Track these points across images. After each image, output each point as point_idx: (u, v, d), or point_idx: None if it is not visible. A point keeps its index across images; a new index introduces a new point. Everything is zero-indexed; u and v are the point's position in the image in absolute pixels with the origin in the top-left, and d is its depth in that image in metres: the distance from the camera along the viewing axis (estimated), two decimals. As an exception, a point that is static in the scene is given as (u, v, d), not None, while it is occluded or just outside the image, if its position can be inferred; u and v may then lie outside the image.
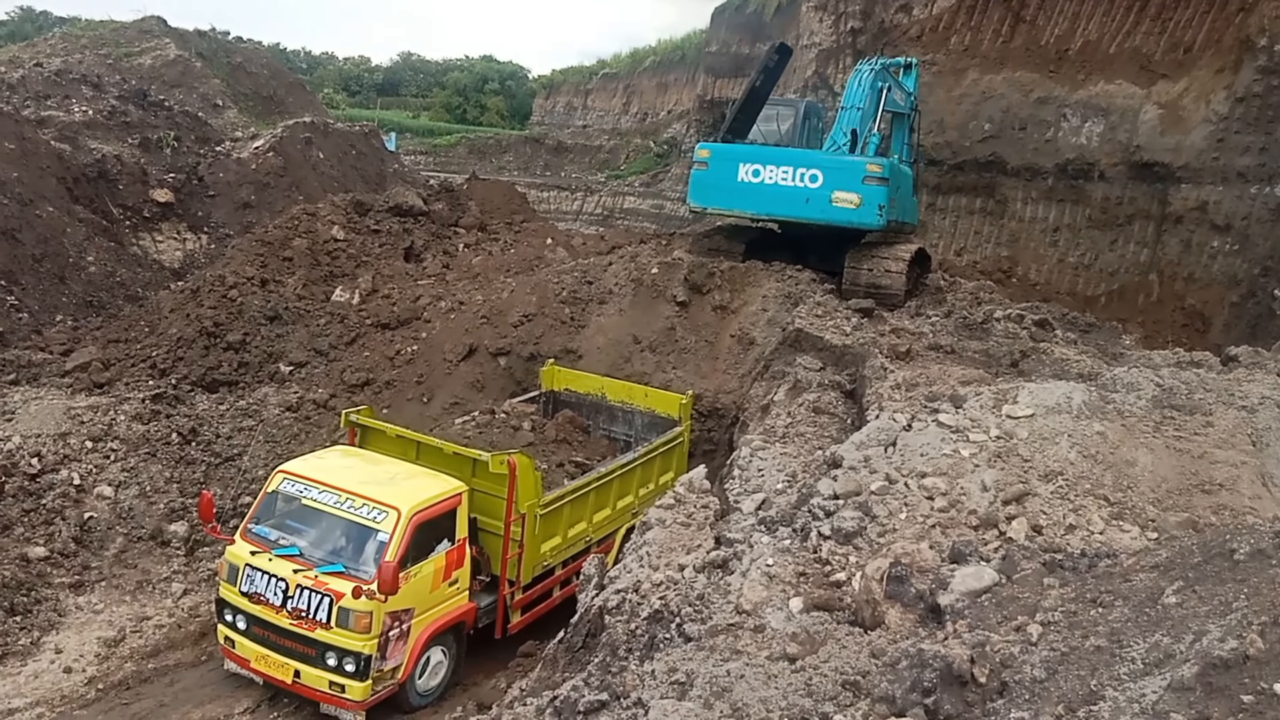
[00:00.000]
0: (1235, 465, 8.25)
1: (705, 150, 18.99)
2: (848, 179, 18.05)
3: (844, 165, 18.26)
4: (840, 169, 18.17)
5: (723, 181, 18.57)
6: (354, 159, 34.71)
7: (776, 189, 18.33)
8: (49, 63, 33.21)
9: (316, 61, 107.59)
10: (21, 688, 11.11)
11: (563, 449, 14.42)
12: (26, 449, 13.80)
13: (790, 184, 18.24)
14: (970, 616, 5.77)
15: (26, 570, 12.42)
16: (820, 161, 18.39)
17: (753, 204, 18.76)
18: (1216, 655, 4.09)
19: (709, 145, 19.13)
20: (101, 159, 26.33)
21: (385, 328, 17.97)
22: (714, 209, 19.58)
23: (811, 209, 18.17)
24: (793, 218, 18.62)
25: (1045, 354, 14.15)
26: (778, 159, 18.44)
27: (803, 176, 18.16)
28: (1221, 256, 21.19)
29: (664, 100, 58.22)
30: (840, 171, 18.13)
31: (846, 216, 18.01)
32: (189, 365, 16.42)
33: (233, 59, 42.81)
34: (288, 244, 19.68)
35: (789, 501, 8.70)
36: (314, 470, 11.44)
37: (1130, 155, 23.23)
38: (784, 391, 13.68)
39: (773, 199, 18.41)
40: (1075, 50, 25.19)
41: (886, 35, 30.95)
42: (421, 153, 63.22)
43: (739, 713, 5.39)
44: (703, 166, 18.86)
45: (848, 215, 18.00)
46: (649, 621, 6.95)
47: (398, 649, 10.57)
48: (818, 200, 18.05)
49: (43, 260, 21.23)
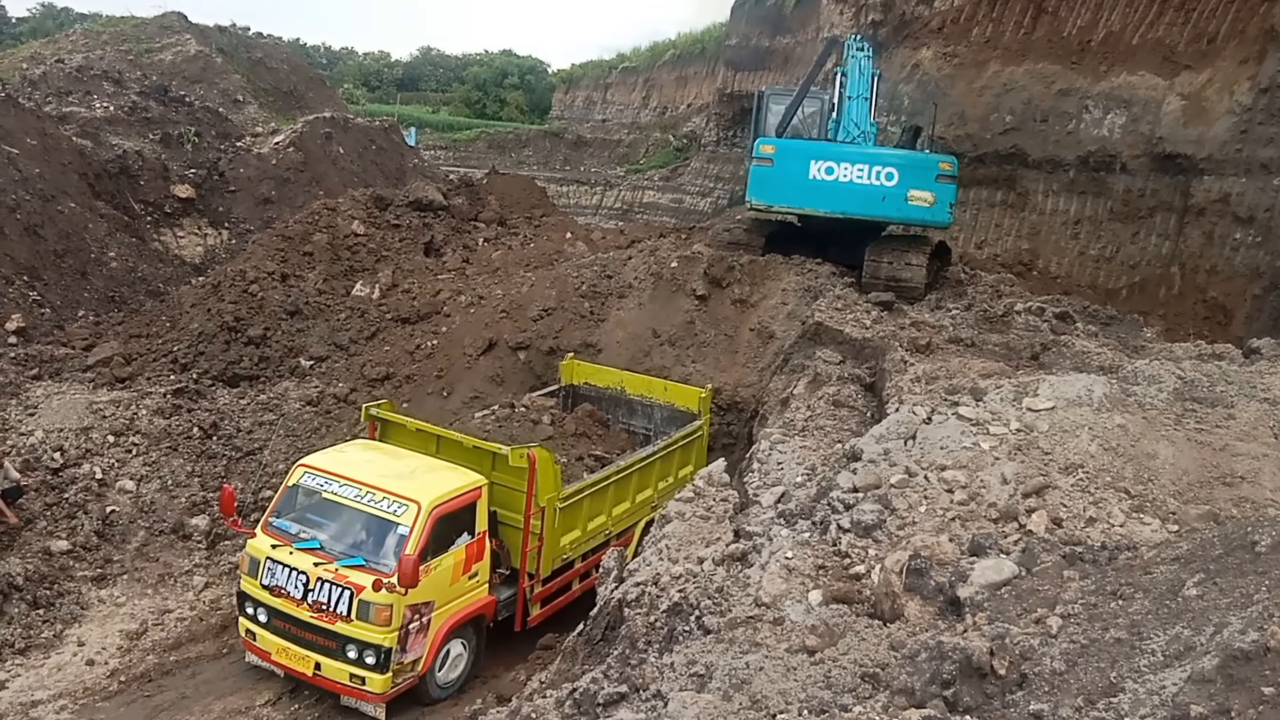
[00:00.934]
0: (1257, 458, 8.19)
1: (769, 146, 18.43)
2: (923, 177, 18.10)
3: (919, 163, 18.33)
4: (915, 166, 18.22)
5: (791, 179, 18.14)
6: (374, 154, 34.82)
7: (851, 187, 18.10)
8: (70, 59, 33.47)
9: (336, 57, 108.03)
10: (44, 680, 11.21)
11: (582, 443, 14.44)
12: (49, 443, 13.91)
13: (866, 182, 18.08)
14: (990, 609, 5.75)
15: (49, 564, 12.53)
16: (895, 159, 18.33)
17: (826, 202, 18.38)
18: (1237, 647, 4.07)
19: (772, 140, 18.64)
20: (123, 155, 26.51)
21: (405, 322, 18.03)
22: (780, 206, 18.94)
23: (888, 207, 18.15)
24: (868, 216, 18.47)
25: (1066, 347, 14.06)
26: (852, 156, 18.26)
27: (878, 174, 18.03)
28: (1244, 249, 21.00)
29: (683, 94, 58.08)
30: (915, 169, 18.17)
31: (921, 215, 18.13)
32: (210, 360, 16.52)
33: (253, 54, 43.02)
34: (308, 239, 19.77)
35: (808, 494, 8.68)
36: (334, 464, 11.49)
37: (1153, 147, 23.04)
38: (803, 385, 13.65)
39: (847, 197, 18.14)
40: (1098, 41, 25.00)
41: (907, 27, 30.81)
42: (441, 147, 63.32)
43: (758, 704, 5.39)
44: (766, 163, 18.33)
45: (922, 214, 18.12)
46: (668, 614, 6.96)
47: (418, 642, 10.61)
48: (894, 199, 18.02)
49: (65, 256, 21.40)
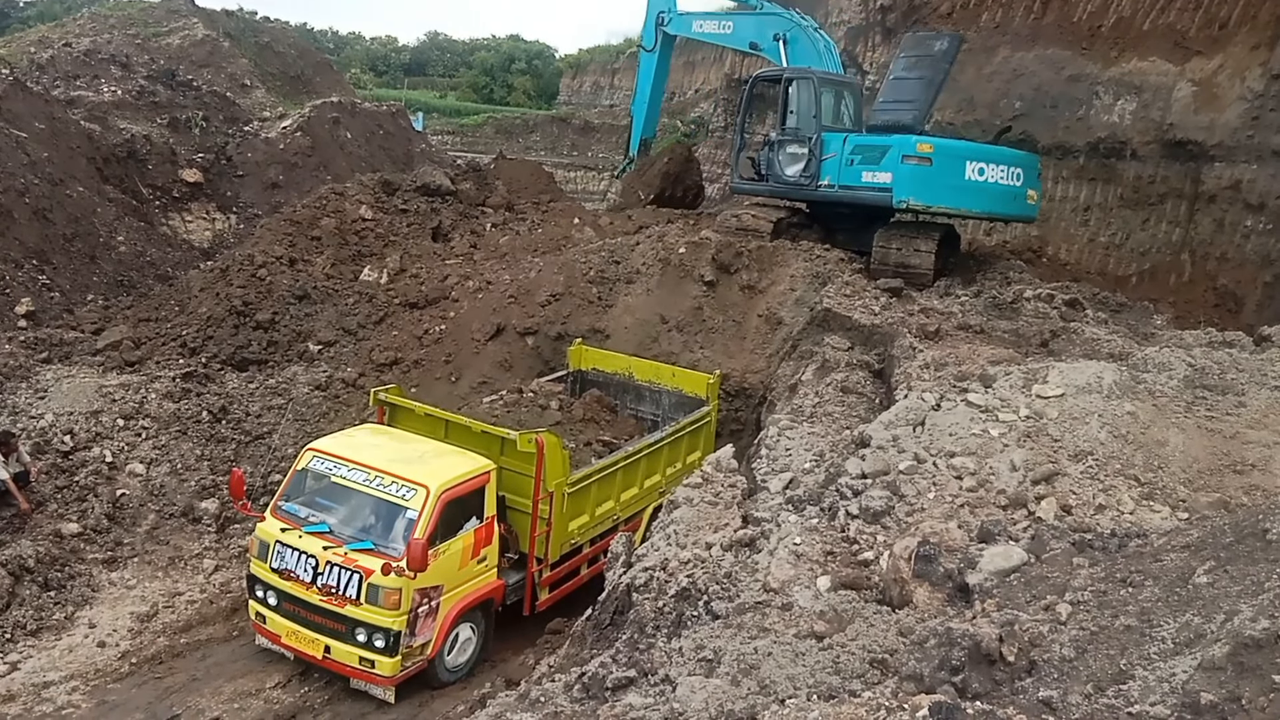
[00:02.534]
0: (1268, 445, 8.18)
1: (928, 145, 17.69)
2: (1034, 176, 18.84)
3: (1033, 163, 18.96)
4: (1031, 166, 18.79)
5: (950, 179, 17.67)
6: (381, 139, 34.79)
7: (996, 187, 18.11)
8: (78, 43, 33.43)
9: (344, 41, 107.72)
10: (56, 661, 11.28)
11: (590, 428, 14.46)
12: (59, 427, 13.97)
13: (1005, 182, 18.19)
14: (999, 595, 5.76)
15: (60, 546, 12.59)
16: (1019, 159, 18.74)
17: (977, 202, 18.34)
18: (1248, 635, 4.07)
19: (930, 140, 18.05)
20: (131, 139, 26.52)
21: (413, 307, 18.02)
22: (939, 206, 18.26)
23: (1016, 205, 18.72)
24: (1003, 215, 19.39)
25: (1075, 334, 14.02)
26: (996, 157, 18.33)
27: (1012, 175, 18.31)
28: (1255, 236, 20.88)
29: (691, 79, 57.77)
30: (1031, 169, 18.76)
31: (1030, 212, 19.23)
32: (219, 344, 16.54)
33: (260, 39, 42.93)
34: (316, 223, 19.76)
35: (817, 481, 8.70)
36: (343, 448, 11.52)
37: (1163, 133, 22.89)
38: (812, 371, 13.64)
39: (992, 197, 18.23)
40: (1108, 27, 24.82)
41: (917, 12, 30.60)
42: (448, 132, 63.14)
43: (766, 689, 5.40)
44: (925, 162, 17.54)
45: (1031, 210, 19.23)
46: (676, 599, 6.98)
47: (427, 625, 10.66)
48: (1020, 197, 18.59)
49: (73, 240, 21.42)
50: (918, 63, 19.13)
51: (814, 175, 18.44)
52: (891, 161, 17.52)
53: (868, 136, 18.27)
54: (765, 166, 19.55)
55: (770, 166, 19.31)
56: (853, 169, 18.04)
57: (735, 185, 21.06)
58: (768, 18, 21.63)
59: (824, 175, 18.37)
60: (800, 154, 18.70)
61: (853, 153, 18.08)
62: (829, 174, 18.32)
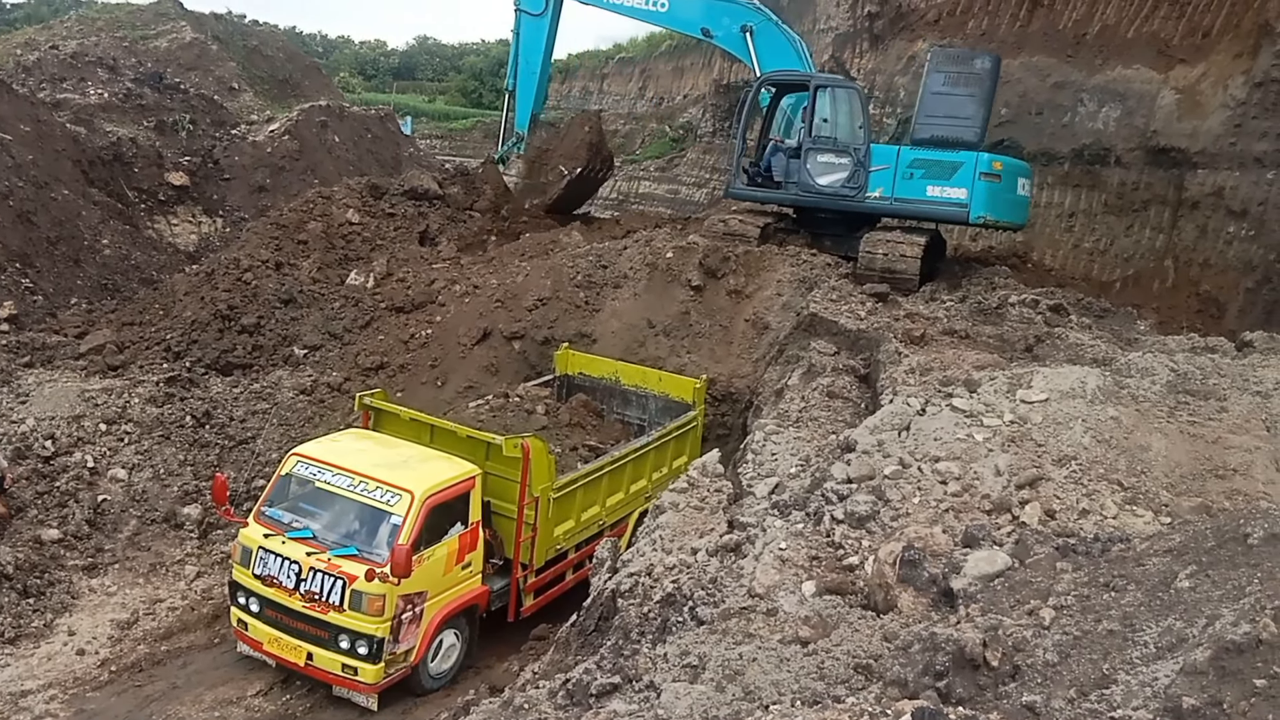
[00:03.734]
0: (1249, 450, 8.21)
1: (999, 163, 18.23)
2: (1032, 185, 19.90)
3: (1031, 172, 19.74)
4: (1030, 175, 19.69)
5: (1009, 194, 18.41)
6: (369, 143, 34.73)
7: (1026, 199, 19.45)
8: (64, 45, 33.28)
9: (332, 45, 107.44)
10: (34, 669, 11.18)
11: (576, 433, 14.43)
12: (40, 431, 13.87)
13: (1028, 194, 19.50)
14: (983, 600, 5.76)
15: (40, 552, 12.49)
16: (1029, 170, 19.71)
17: (1020, 214, 19.54)
18: (1229, 639, 4.08)
19: (999, 158, 18.57)
20: (117, 142, 26.40)
21: (400, 311, 17.97)
22: (1004, 220, 19.06)
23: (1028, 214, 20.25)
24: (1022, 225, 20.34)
25: (1060, 339, 14.07)
26: (1027, 171, 19.37)
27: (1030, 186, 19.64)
28: (1237, 242, 21.01)
29: (680, 85, 57.79)
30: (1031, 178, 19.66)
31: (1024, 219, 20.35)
32: (203, 348, 16.46)
33: (249, 42, 42.82)
34: (303, 227, 19.71)
35: (802, 485, 8.70)
36: (327, 453, 11.47)
37: (1147, 140, 23.03)
38: (798, 376, 13.65)
39: (1025, 208, 19.60)
40: (1093, 35, 24.96)
41: (904, 19, 30.70)
42: (437, 136, 63.04)
43: (751, 695, 5.39)
44: (997, 179, 18.07)
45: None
46: (661, 605, 6.96)
47: (410, 632, 10.61)
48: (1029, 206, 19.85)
49: (58, 243, 21.30)
50: (960, 79, 18.87)
51: (861, 187, 18.37)
52: (966, 178, 17.76)
53: (929, 151, 18.24)
54: (782, 173, 19.12)
55: (791, 173, 18.91)
56: (913, 183, 18.09)
57: (734, 190, 20.00)
58: (724, 4, 20.18)
59: (873, 187, 18.36)
60: (838, 164, 18.50)
61: (911, 166, 18.11)
62: (880, 186, 18.30)
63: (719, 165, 45.03)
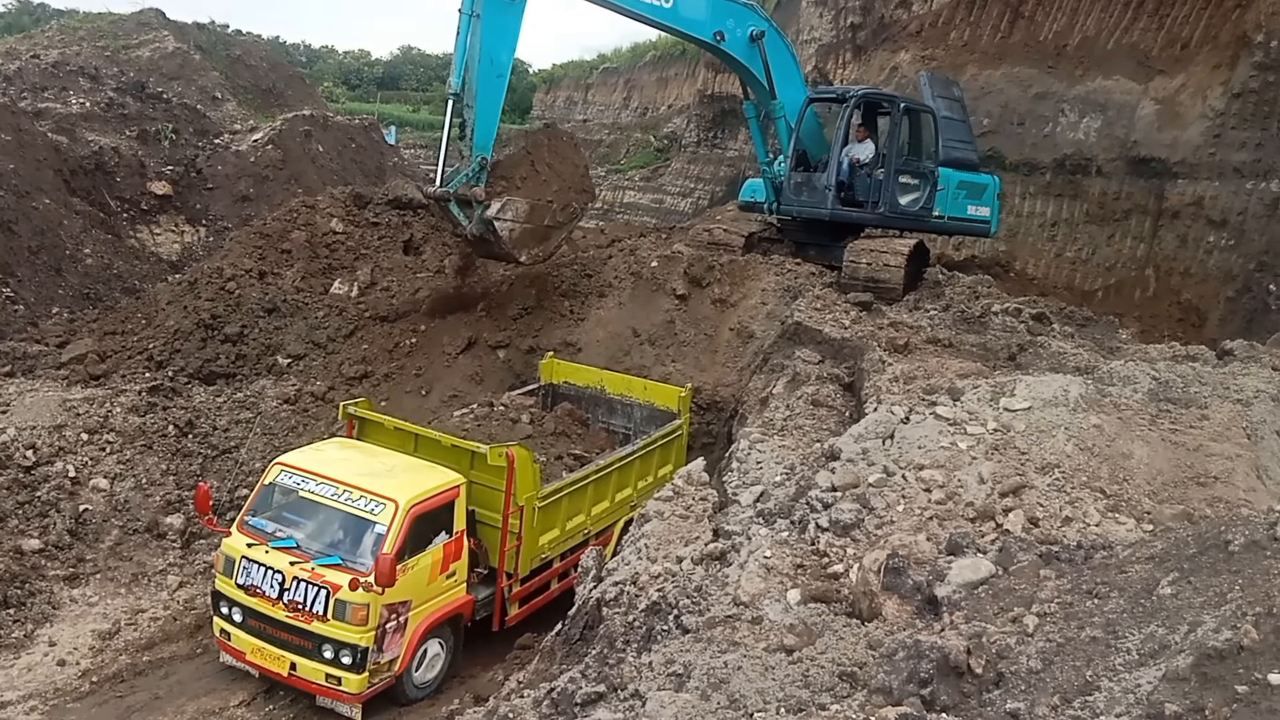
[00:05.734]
0: (1230, 458, 8.27)
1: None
2: None
3: None
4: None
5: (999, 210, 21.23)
6: (353, 152, 34.69)
7: None
8: (46, 54, 33.17)
9: (316, 55, 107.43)
10: (15, 680, 11.09)
11: (561, 441, 14.41)
12: (21, 441, 13.77)
13: None
14: (967, 608, 5.77)
15: (20, 563, 12.39)
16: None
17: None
18: (1211, 646, 4.10)
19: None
20: (99, 151, 26.28)
21: (384, 320, 17.94)
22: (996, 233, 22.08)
23: None
24: None
25: (1042, 347, 14.13)
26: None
27: None
28: (1217, 251, 21.21)
29: (664, 95, 57.99)
30: None
31: None
32: (186, 357, 16.40)
33: (232, 52, 42.73)
34: (286, 236, 19.66)
35: (787, 494, 8.71)
36: (311, 462, 11.43)
37: (1127, 151, 23.24)
38: (783, 384, 13.68)
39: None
40: (1073, 46, 25.19)
41: (886, 30, 30.91)
42: (421, 146, 62.99)
43: (736, 704, 5.39)
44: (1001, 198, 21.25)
45: None
46: (647, 613, 6.95)
47: (395, 641, 10.57)
48: None
49: (39, 252, 21.20)
50: (954, 105, 20.09)
51: (929, 207, 19.25)
52: (990, 197, 20.43)
53: (966, 174, 19.91)
54: (865, 193, 18.85)
55: (881, 194, 18.76)
56: (959, 203, 19.73)
57: (836, 212, 18.70)
58: (729, 5, 18.09)
59: (937, 207, 19.36)
60: (913, 184, 19.07)
61: (959, 188, 19.59)
62: (940, 206, 19.39)
63: (703, 175, 45.23)
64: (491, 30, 15.14)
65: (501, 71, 15.72)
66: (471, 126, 15.27)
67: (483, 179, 15.57)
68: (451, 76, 15.54)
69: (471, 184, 15.43)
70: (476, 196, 15.31)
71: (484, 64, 15.20)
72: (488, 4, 14.96)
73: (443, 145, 15.77)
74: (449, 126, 15.70)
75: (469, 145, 15.44)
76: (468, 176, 15.49)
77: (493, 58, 15.35)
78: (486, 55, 15.20)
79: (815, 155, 19.29)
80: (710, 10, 17.67)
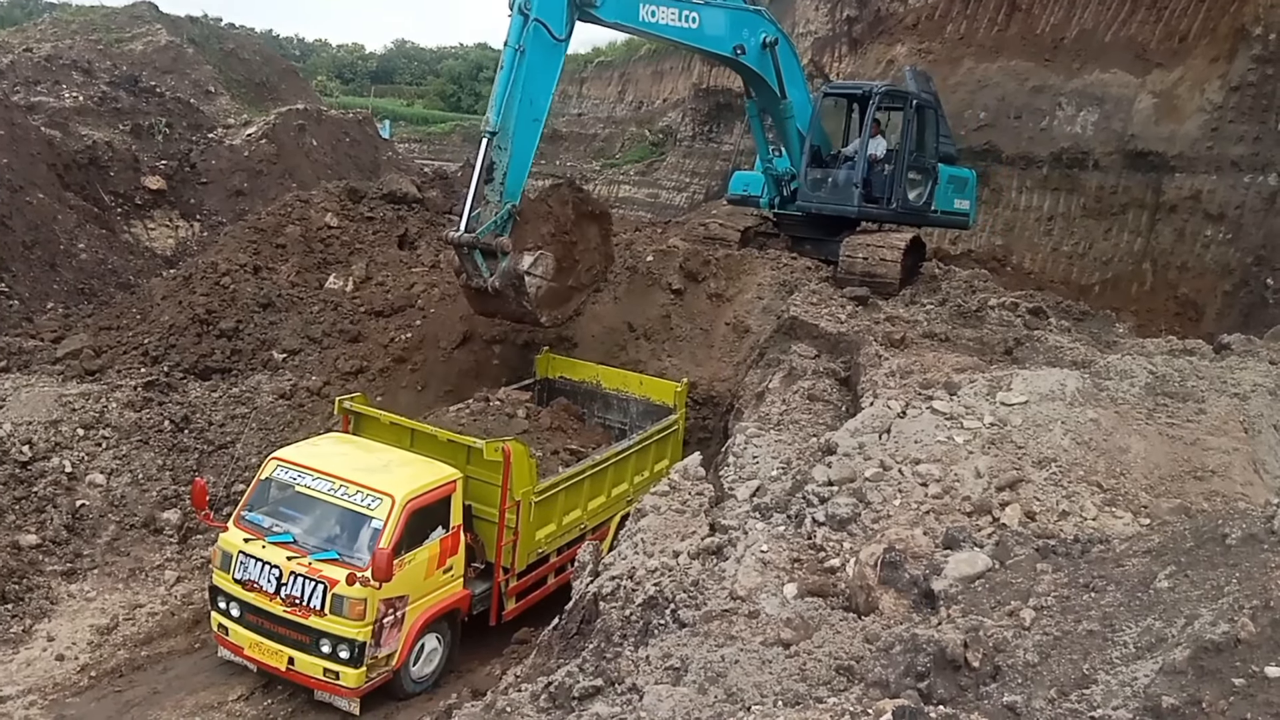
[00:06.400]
0: (1227, 452, 8.28)
1: None
2: None
3: None
4: None
5: None
6: (347, 146, 34.56)
7: None
8: (39, 48, 33.03)
9: (310, 49, 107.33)
10: (13, 675, 11.09)
11: (557, 436, 14.39)
12: (17, 436, 13.74)
13: None
14: (964, 602, 5.79)
15: (18, 558, 12.37)
16: None
17: None
18: (1208, 639, 4.11)
19: None
20: (92, 145, 26.20)
21: (379, 315, 17.89)
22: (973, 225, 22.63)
23: None
24: None
25: (1039, 342, 14.15)
26: None
27: None
28: (1215, 245, 21.24)
29: (659, 89, 57.89)
30: None
31: None
32: (181, 352, 16.34)
33: (225, 45, 42.68)
34: (281, 231, 19.59)
35: (784, 488, 8.72)
36: (307, 457, 11.41)
37: (1125, 144, 23.25)
38: (779, 379, 13.67)
39: None
40: (1070, 39, 25.18)
41: (882, 24, 30.89)
42: (415, 140, 63.09)
43: (733, 697, 5.40)
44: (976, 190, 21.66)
45: None
46: (643, 608, 6.96)
47: (392, 636, 10.57)
48: None
49: (33, 247, 21.14)
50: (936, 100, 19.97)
51: (930, 202, 19.37)
52: (971, 191, 20.60)
53: (952, 167, 19.96)
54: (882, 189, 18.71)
55: (893, 189, 18.68)
56: (948, 196, 19.82)
57: (863, 210, 18.73)
58: (745, 15, 17.72)
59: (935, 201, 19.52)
60: (919, 179, 19.12)
61: (949, 181, 19.65)
62: (938, 199, 19.56)
63: (699, 169, 45.20)
64: (534, 70, 14.25)
65: (538, 115, 14.74)
66: (503, 171, 14.09)
67: (508, 229, 14.25)
68: (490, 113, 14.29)
69: (498, 233, 14.10)
70: (503, 247, 13.99)
71: (523, 105, 14.22)
72: (533, 41, 14.05)
73: (472, 186, 14.36)
74: (481, 167, 14.28)
75: (497, 190, 14.14)
76: (495, 225, 14.10)
77: (532, 99, 14.41)
78: (526, 97, 14.26)
79: (824, 151, 19.31)
80: (729, 24, 17.31)
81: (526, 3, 13.70)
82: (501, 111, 13.95)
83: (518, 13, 13.80)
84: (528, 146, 14.53)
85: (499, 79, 14.18)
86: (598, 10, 14.77)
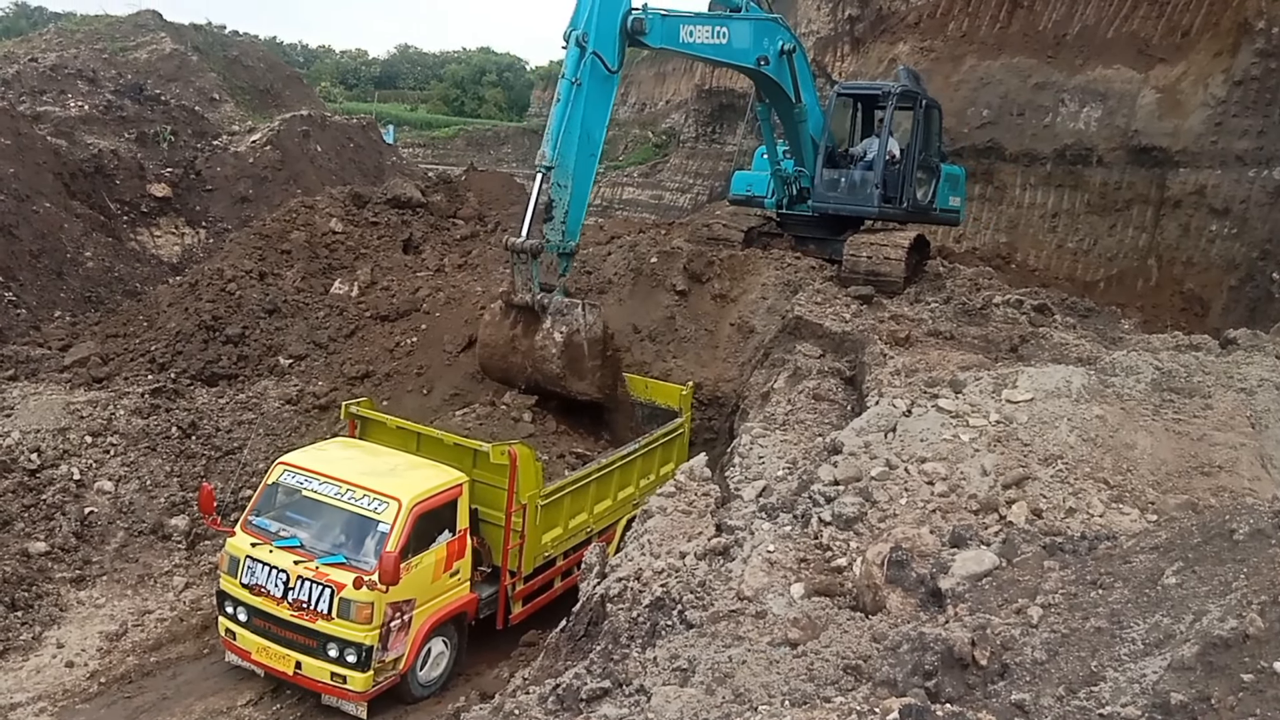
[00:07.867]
0: (1234, 447, 8.27)
1: None
2: None
3: None
4: None
5: None
6: (352, 152, 34.62)
7: None
8: (44, 58, 33.11)
9: (313, 55, 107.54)
10: (23, 682, 11.11)
11: (563, 440, 14.38)
12: (26, 444, 13.79)
13: None
14: (971, 600, 5.78)
15: (27, 565, 12.41)
16: None
17: None
18: (1216, 635, 4.10)
19: None
20: (98, 154, 26.26)
21: (384, 320, 17.93)
22: None
23: None
24: None
25: (1044, 339, 14.14)
26: None
27: None
28: (1220, 240, 21.20)
29: (662, 90, 58.00)
30: None
31: None
32: (188, 359, 16.40)
33: (229, 53, 42.75)
34: (286, 237, 19.65)
35: (790, 488, 8.71)
36: (314, 462, 11.42)
37: (1128, 140, 23.21)
38: (784, 379, 13.67)
39: None
40: (1073, 35, 25.15)
41: (884, 22, 30.88)
42: (419, 145, 63.16)
43: (741, 698, 5.39)
44: None
45: None
46: (651, 609, 6.96)
47: (399, 640, 10.57)
48: None
49: (40, 256, 21.20)
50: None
51: (933, 200, 19.55)
52: (961, 188, 20.80)
53: (948, 166, 20.26)
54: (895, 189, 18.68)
55: (903, 188, 18.67)
56: (945, 194, 19.96)
57: (883, 210, 18.71)
58: (765, 25, 17.60)
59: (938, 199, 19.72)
60: (925, 178, 19.24)
61: (946, 180, 19.78)
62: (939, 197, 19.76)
63: (702, 170, 45.23)
64: (590, 102, 13.94)
65: (594, 150, 14.48)
66: (564, 209, 13.81)
67: (569, 268, 14.44)
68: (545, 147, 13.83)
69: (561, 274, 14.23)
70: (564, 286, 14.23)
71: (581, 140, 13.90)
72: (591, 73, 13.74)
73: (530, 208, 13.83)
74: (535, 203, 13.81)
75: (558, 230, 13.81)
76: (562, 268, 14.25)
77: (589, 133, 14.12)
78: (584, 131, 13.95)
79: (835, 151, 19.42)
80: (753, 36, 17.20)
81: (583, 35, 13.53)
82: (558, 146, 13.60)
83: (574, 45, 13.64)
84: (586, 183, 14.33)
85: (554, 113, 13.83)
86: (647, 38, 14.71)
